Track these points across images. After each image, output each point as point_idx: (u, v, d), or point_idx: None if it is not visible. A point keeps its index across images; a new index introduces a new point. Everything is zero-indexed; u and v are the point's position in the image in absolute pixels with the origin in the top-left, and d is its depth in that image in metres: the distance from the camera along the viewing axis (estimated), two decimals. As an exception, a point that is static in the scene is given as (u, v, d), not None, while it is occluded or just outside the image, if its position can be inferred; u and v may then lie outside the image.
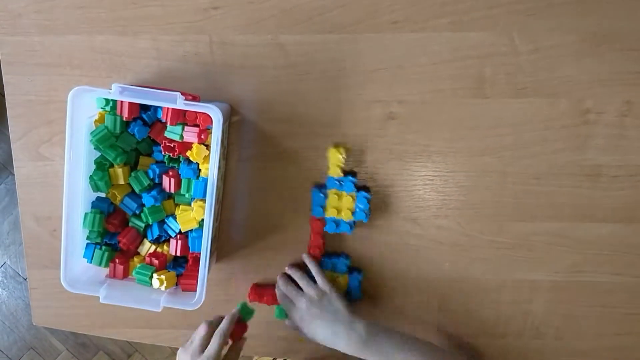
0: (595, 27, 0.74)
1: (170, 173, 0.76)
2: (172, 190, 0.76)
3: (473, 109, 0.77)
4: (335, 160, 0.78)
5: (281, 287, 0.79)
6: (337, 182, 0.78)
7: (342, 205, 0.78)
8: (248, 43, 0.77)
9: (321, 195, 0.79)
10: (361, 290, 0.82)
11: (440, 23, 0.75)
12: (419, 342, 0.72)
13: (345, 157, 0.78)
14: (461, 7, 0.75)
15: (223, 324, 0.71)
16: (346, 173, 0.79)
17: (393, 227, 0.82)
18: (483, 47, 0.75)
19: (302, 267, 0.81)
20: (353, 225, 0.79)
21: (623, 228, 0.80)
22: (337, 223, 0.79)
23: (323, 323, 0.73)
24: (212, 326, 0.71)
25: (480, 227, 0.81)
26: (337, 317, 0.73)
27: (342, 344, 0.71)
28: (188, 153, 0.73)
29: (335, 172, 0.78)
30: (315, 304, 0.74)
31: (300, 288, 0.79)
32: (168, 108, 0.71)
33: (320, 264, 0.81)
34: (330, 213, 0.79)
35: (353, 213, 0.78)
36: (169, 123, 0.72)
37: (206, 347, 0.68)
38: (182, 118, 0.73)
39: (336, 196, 0.78)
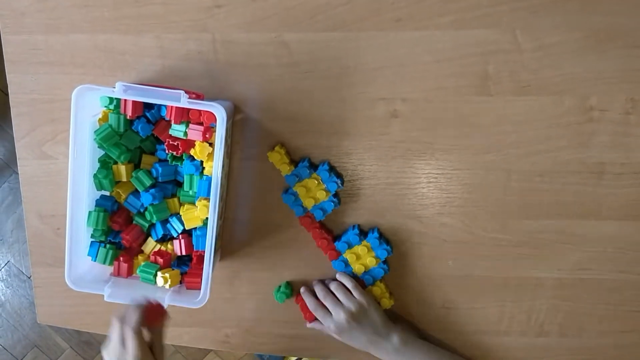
0: (599, 24, 0.74)
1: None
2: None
3: (477, 107, 0.77)
4: (279, 160, 0.78)
5: (321, 297, 0.80)
6: (294, 176, 0.78)
7: (313, 191, 0.78)
8: (251, 41, 0.77)
9: (290, 196, 0.79)
10: (388, 244, 0.81)
11: (444, 21, 0.75)
12: (447, 353, 0.82)
13: (284, 151, 0.78)
14: (464, 5, 0.74)
15: (129, 319, 0.64)
16: (297, 163, 0.79)
17: (397, 226, 0.82)
18: (486, 45, 0.75)
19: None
20: (335, 198, 0.79)
21: (627, 225, 0.79)
22: (322, 208, 0.79)
23: (361, 335, 0.78)
24: (124, 321, 0.64)
25: (484, 224, 0.81)
26: (375, 329, 0.78)
27: (377, 352, 0.79)
28: (192, 151, 0.73)
29: (286, 169, 0.78)
30: (355, 317, 0.77)
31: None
32: (172, 106, 0.71)
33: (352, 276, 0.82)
34: (309, 204, 0.79)
35: (326, 190, 0.78)
36: (173, 121, 0.72)
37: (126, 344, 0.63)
38: (186, 116, 0.73)
39: (303, 188, 0.78)
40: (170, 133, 0.74)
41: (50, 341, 1.87)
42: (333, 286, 0.81)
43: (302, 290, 0.82)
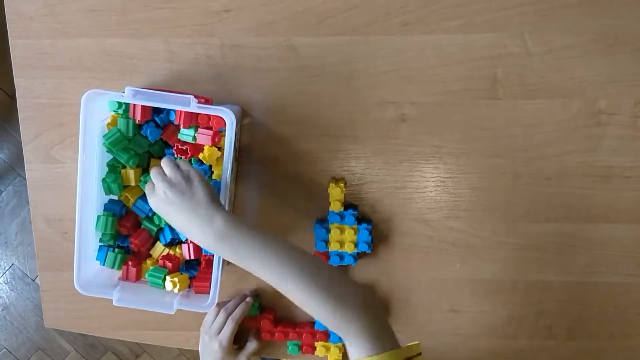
0: (607, 28, 0.74)
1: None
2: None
3: (485, 110, 0.77)
4: (336, 195, 0.78)
5: (152, 173, 0.67)
6: (338, 216, 0.78)
7: (344, 239, 0.78)
8: (259, 45, 0.77)
9: (323, 229, 0.79)
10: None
11: (452, 25, 0.75)
12: (288, 248, 0.63)
13: (344, 191, 0.78)
14: (473, 9, 0.74)
15: (237, 312, 0.80)
16: (347, 207, 0.80)
17: (404, 229, 0.82)
18: (495, 49, 0.75)
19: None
20: (357, 257, 0.80)
21: (635, 229, 0.79)
22: (341, 256, 0.79)
23: (177, 211, 0.63)
24: (228, 312, 0.80)
25: (492, 228, 0.81)
26: (197, 207, 0.62)
27: (196, 237, 0.63)
28: (200, 155, 0.73)
29: (336, 206, 0.78)
30: (174, 189, 0.63)
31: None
32: (181, 111, 0.71)
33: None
34: (334, 247, 0.79)
35: (356, 245, 0.79)
36: (182, 126, 0.72)
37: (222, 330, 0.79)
38: (195, 121, 0.73)
39: (338, 230, 0.78)
40: (179, 137, 0.74)
41: (55, 344, 1.87)
42: (164, 160, 0.68)
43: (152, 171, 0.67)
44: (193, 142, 0.73)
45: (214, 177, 0.75)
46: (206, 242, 0.62)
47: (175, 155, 0.75)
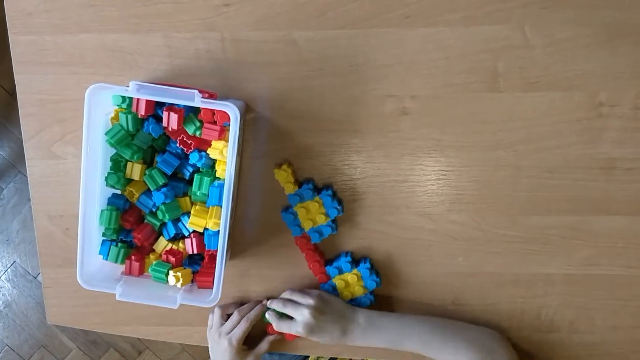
0: (609, 20, 0.74)
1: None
2: (175, 127, 0.71)
3: (486, 103, 0.77)
4: (284, 179, 0.79)
5: (280, 308, 0.80)
6: (297, 196, 0.78)
7: (313, 214, 0.79)
8: (260, 39, 0.77)
9: (290, 215, 0.79)
10: (378, 276, 0.82)
11: (453, 17, 0.75)
12: (415, 316, 0.80)
13: (289, 171, 0.79)
14: (474, 1, 0.74)
15: (252, 312, 0.82)
16: (301, 183, 0.80)
17: (406, 223, 0.82)
18: (496, 41, 0.75)
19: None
20: (333, 224, 0.80)
21: (637, 221, 0.79)
22: (319, 231, 0.80)
23: (331, 324, 0.77)
24: (242, 313, 0.82)
25: (494, 221, 0.81)
26: (342, 315, 0.78)
27: (351, 339, 0.77)
28: (209, 150, 0.73)
29: (290, 188, 0.79)
30: (319, 310, 0.77)
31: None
32: (169, 114, 0.70)
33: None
34: (307, 225, 0.79)
35: (326, 214, 0.79)
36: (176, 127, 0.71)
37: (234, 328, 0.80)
38: (181, 134, 0.72)
39: (304, 209, 0.79)
40: (185, 128, 0.73)
41: (57, 341, 1.87)
42: (286, 294, 0.82)
43: (267, 314, 0.81)
44: (199, 136, 0.72)
45: (217, 175, 0.75)
46: (356, 336, 0.77)
47: (178, 145, 0.74)
